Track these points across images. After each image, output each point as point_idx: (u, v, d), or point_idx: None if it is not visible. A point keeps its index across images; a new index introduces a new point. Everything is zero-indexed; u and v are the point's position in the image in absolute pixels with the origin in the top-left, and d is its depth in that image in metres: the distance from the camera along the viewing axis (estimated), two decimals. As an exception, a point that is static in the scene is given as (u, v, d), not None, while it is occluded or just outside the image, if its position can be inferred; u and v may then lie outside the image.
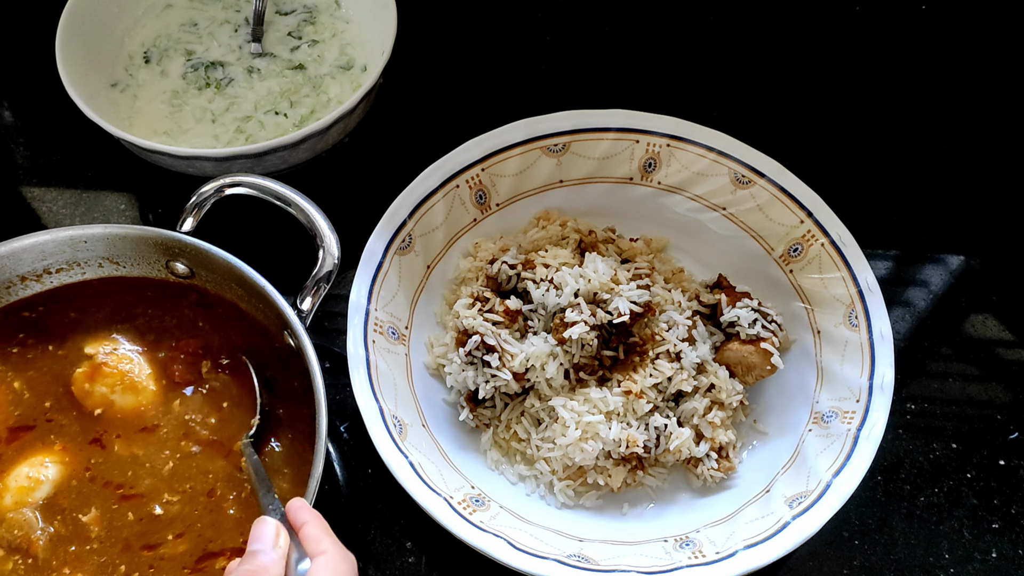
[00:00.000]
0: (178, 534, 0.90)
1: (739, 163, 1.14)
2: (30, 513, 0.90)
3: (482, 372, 1.04)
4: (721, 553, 0.94)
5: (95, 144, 1.27)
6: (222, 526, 0.90)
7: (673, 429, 1.03)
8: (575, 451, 1.01)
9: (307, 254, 0.99)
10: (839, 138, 1.35)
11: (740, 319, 1.08)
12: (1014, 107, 1.38)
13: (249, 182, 1.00)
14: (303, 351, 0.90)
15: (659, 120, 1.16)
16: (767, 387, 1.10)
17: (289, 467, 0.94)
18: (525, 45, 1.44)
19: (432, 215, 1.13)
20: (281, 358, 0.98)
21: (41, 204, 1.27)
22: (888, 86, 1.40)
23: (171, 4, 1.35)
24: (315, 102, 1.27)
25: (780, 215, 1.12)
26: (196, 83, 1.28)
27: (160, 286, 1.02)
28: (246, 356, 0.98)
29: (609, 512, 1.04)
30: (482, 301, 1.08)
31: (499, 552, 0.92)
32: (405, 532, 1.03)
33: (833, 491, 0.96)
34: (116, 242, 1.00)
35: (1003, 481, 1.08)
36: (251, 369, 0.97)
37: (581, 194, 1.20)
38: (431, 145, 1.16)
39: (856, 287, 1.07)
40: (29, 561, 0.88)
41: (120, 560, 0.88)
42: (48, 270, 1.01)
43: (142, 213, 1.27)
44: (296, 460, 0.94)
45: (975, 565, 1.03)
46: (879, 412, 1.00)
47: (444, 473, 1.00)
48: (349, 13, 1.35)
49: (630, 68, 1.42)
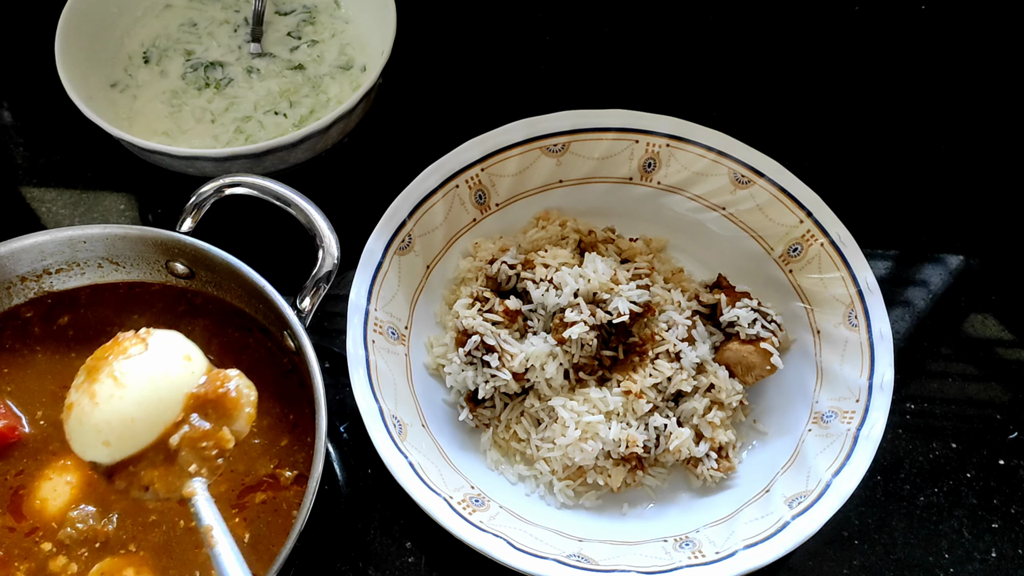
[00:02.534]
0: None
1: (739, 163, 1.14)
2: (89, 508, 0.90)
3: (482, 372, 1.04)
4: (721, 553, 0.94)
5: (94, 144, 1.27)
6: (250, 456, 0.92)
7: (673, 429, 1.03)
8: (575, 451, 1.01)
9: (307, 254, 0.99)
10: (839, 138, 1.35)
11: (740, 319, 1.08)
12: (1013, 107, 1.38)
13: (249, 182, 1.00)
14: (303, 351, 0.90)
15: (659, 120, 1.16)
16: (767, 387, 1.10)
17: (289, 467, 0.94)
18: (525, 45, 1.44)
19: (432, 215, 1.13)
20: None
21: (40, 204, 1.27)
22: (887, 86, 1.40)
23: (170, 4, 1.35)
24: (314, 102, 1.27)
25: (780, 215, 1.13)
26: (195, 83, 1.28)
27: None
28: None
29: (609, 512, 1.04)
30: (482, 301, 1.08)
31: (499, 552, 0.92)
32: (405, 532, 1.03)
33: (833, 491, 0.96)
34: (115, 242, 1.00)
35: (1003, 481, 1.08)
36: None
37: (581, 194, 1.20)
38: (431, 145, 1.16)
39: (856, 287, 1.07)
40: (96, 546, 0.89)
41: (179, 515, 0.90)
42: (48, 270, 1.01)
43: (141, 213, 1.27)
44: (296, 460, 0.94)
45: (975, 565, 1.03)
46: (879, 412, 1.00)
47: (444, 473, 1.00)
48: (348, 13, 1.35)
49: (630, 68, 1.42)
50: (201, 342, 0.98)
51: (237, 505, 0.91)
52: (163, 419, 0.78)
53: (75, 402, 0.78)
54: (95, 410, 0.76)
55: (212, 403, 0.78)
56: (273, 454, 0.94)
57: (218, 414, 0.79)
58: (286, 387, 0.98)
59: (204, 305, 1.03)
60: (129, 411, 0.76)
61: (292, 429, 0.95)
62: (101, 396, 0.76)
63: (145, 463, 0.78)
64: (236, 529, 0.89)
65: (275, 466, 0.93)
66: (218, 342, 1.01)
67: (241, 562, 0.74)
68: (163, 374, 0.78)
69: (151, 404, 0.77)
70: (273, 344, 1.00)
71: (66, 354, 1.00)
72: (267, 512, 0.91)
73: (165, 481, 0.78)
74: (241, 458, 0.93)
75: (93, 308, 1.03)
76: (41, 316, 1.02)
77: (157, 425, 0.78)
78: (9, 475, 0.93)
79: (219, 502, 0.90)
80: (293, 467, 0.93)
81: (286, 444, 0.94)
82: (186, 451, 0.78)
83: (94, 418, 0.76)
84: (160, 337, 0.81)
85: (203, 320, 1.02)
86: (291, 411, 0.96)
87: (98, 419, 0.76)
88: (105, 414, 0.76)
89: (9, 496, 0.91)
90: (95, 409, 0.76)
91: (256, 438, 0.95)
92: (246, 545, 0.89)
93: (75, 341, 1.01)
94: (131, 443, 0.77)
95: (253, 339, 1.01)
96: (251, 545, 0.89)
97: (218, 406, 0.78)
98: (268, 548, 0.89)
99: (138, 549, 0.89)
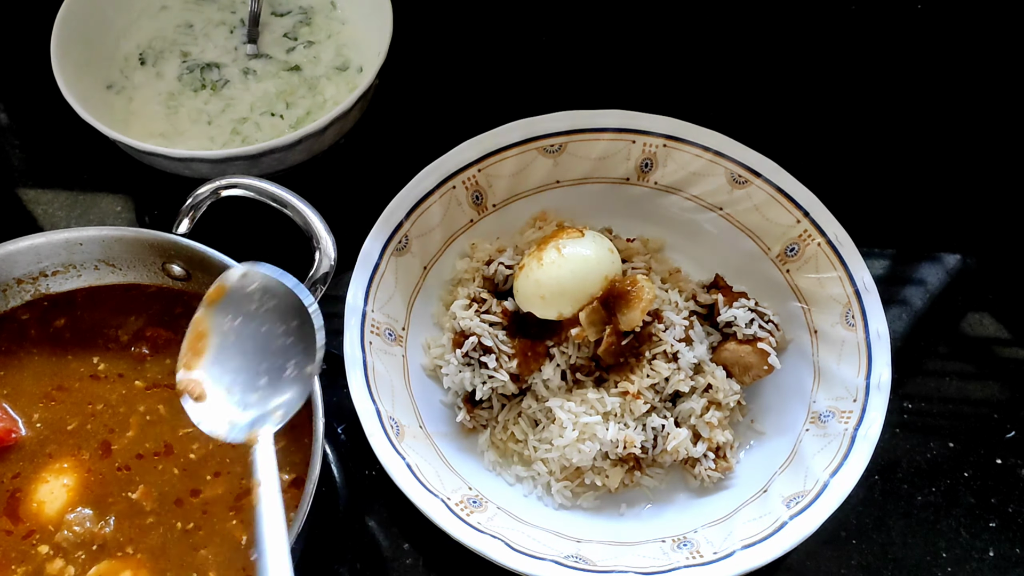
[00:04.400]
0: (215, 473, 0.92)
1: (735, 163, 1.14)
2: (86, 510, 0.90)
3: (479, 373, 1.04)
4: (719, 553, 0.94)
5: (91, 146, 1.27)
6: (248, 458, 0.91)
7: (670, 429, 1.03)
8: (572, 452, 1.01)
9: (303, 256, 0.99)
10: (836, 138, 1.35)
11: (737, 319, 1.08)
12: (1010, 106, 1.39)
13: (245, 184, 1.00)
14: (300, 352, 0.90)
15: (655, 120, 1.16)
16: (764, 387, 1.10)
17: (286, 469, 0.93)
18: (521, 46, 1.44)
19: (429, 216, 1.13)
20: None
21: (37, 206, 1.27)
22: (884, 85, 1.40)
23: (166, 6, 1.35)
24: (311, 103, 1.27)
25: (777, 215, 1.13)
26: (192, 85, 1.28)
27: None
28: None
29: (607, 513, 1.04)
30: (479, 302, 1.08)
31: (497, 553, 0.92)
32: (403, 534, 1.03)
33: (830, 491, 0.96)
34: (112, 244, 0.99)
35: (1000, 480, 1.08)
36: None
37: (578, 195, 1.20)
38: (427, 146, 1.16)
39: (853, 286, 1.07)
40: (93, 548, 0.89)
41: (176, 518, 0.90)
42: (44, 272, 1.00)
43: (138, 215, 1.27)
44: (293, 461, 0.94)
45: (972, 564, 1.03)
46: (876, 411, 1.00)
47: (441, 474, 0.99)
48: (345, 14, 1.35)
49: (626, 68, 1.42)
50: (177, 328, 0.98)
51: (234, 507, 0.91)
52: (587, 291, 1.01)
53: (526, 263, 1.03)
54: (539, 270, 1.01)
55: (621, 292, 1.00)
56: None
57: (621, 303, 1.00)
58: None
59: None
60: (564, 276, 1.00)
61: (289, 431, 0.95)
62: (546, 261, 1.01)
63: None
64: (234, 531, 0.89)
65: (280, 445, 0.92)
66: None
67: (282, 526, 0.76)
68: (594, 255, 1.02)
69: (581, 275, 1.01)
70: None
71: (62, 356, 0.99)
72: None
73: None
74: (239, 460, 0.93)
75: (89, 310, 1.03)
76: (37, 318, 1.02)
77: (582, 293, 1.01)
78: (5, 478, 0.92)
79: (216, 504, 0.91)
80: (291, 470, 0.92)
81: (283, 446, 0.94)
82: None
83: (538, 274, 1.01)
84: (594, 233, 1.05)
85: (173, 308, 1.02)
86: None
87: (540, 276, 1.00)
88: (546, 274, 1.00)
89: (6, 499, 0.91)
90: (539, 269, 1.01)
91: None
92: (243, 547, 0.89)
93: (71, 343, 1.01)
94: (559, 303, 1.01)
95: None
96: (248, 547, 0.89)
97: (624, 296, 1.00)
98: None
99: (136, 552, 0.89)
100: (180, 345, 0.90)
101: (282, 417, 0.85)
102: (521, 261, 1.06)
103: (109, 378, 0.98)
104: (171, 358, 0.98)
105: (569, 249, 1.02)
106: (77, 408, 0.97)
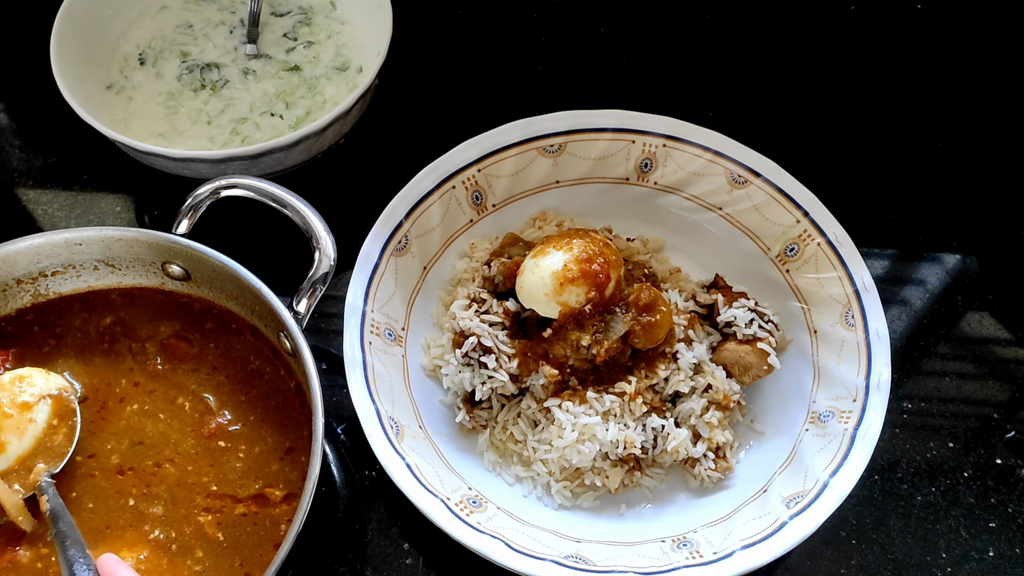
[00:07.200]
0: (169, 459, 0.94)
1: (735, 163, 1.14)
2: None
3: (479, 373, 1.04)
4: (719, 553, 0.94)
5: (90, 146, 1.27)
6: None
7: (670, 430, 1.03)
8: (572, 453, 1.01)
9: (303, 256, 0.99)
10: (835, 138, 1.35)
11: (737, 319, 1.08)
12: (1009, 106, 1.39)
13: (245, 184, 1.00)
14: (299, 353, 0.90)
15: (655, 120, 1.16)
16: (764, 387, 1.10)
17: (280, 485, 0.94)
18: (521, 46, 1.44)
19: (428, 216, 1.13)
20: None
21: (36, 207, 1.27)
22: (884, 85, 1.40)
23: (166, 6, 1.35)
24: (311, 103, 1.27)
25: (776, 215, 1.13)
26: (191, 85, 1.28)
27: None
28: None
29: (607, 513, 1.04)
30: (478, 302, 1.08)
31: (497, 553, 0.92)
32: (403, 534, 1.03)
33: (830, 491, 0.96)
34: (111, 245, 0.99)
35: (1000, 480, 1.08)
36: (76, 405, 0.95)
37: (577, 194, 1.20)
38: (427, 146, 1.16)
39: (852, 286, 1.07)
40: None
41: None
42: (44, 273, 1.00)
43: (138, 215, 1.27)
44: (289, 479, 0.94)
45: (972, 564, 1.03)
46: (876, 411, 1.00)
47: (441, 474, 0.99)
48: (345, 14, 1.35)
49: (626, 68, 1.42)
50: (200, 344, 0.99)
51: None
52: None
53: (528, 261, 1.03)
54: (542, 266, 1.01)
55: (646, 303, 1.01)
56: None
57: (640, 332, 1.01)
58: (284, 391, 0.98)
59: (201, 307, 1.03)
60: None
61: (286, 453, 0.95)
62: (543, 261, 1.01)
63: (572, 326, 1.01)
64: (208, 527, 0.91)
65: (273, 468, 0.93)
66: (216, 344, 1.01)
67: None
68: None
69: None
70: (267, 347, 1.00)
71: (62, 356, 1.00)
72: (262, 517, 0.91)
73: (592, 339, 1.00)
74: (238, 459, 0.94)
75: (89, 310, 1.03)
76: (38, 318, 1.02)
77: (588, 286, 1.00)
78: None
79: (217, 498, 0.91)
80: (284, 486, 0.93)
81: (277, 468, 0.95)
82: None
83: (541, 271, 1.01)
84: (583, 234, 1.04)
85: (201, 322, 1.02)
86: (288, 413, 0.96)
87: (543, 272, 1.01)
88: (549, 270, 1.00)
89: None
90: (542, 266, 1.01)
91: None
92: (225, 547, 0.89)
93: (70, 344, 1.01)
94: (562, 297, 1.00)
95: (244, 340, 1.01)
96: (230, 547, 0.89)
97: (648, 307, 1.01)
98: (256, 552, 0.89)
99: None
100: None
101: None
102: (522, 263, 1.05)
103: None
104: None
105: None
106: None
